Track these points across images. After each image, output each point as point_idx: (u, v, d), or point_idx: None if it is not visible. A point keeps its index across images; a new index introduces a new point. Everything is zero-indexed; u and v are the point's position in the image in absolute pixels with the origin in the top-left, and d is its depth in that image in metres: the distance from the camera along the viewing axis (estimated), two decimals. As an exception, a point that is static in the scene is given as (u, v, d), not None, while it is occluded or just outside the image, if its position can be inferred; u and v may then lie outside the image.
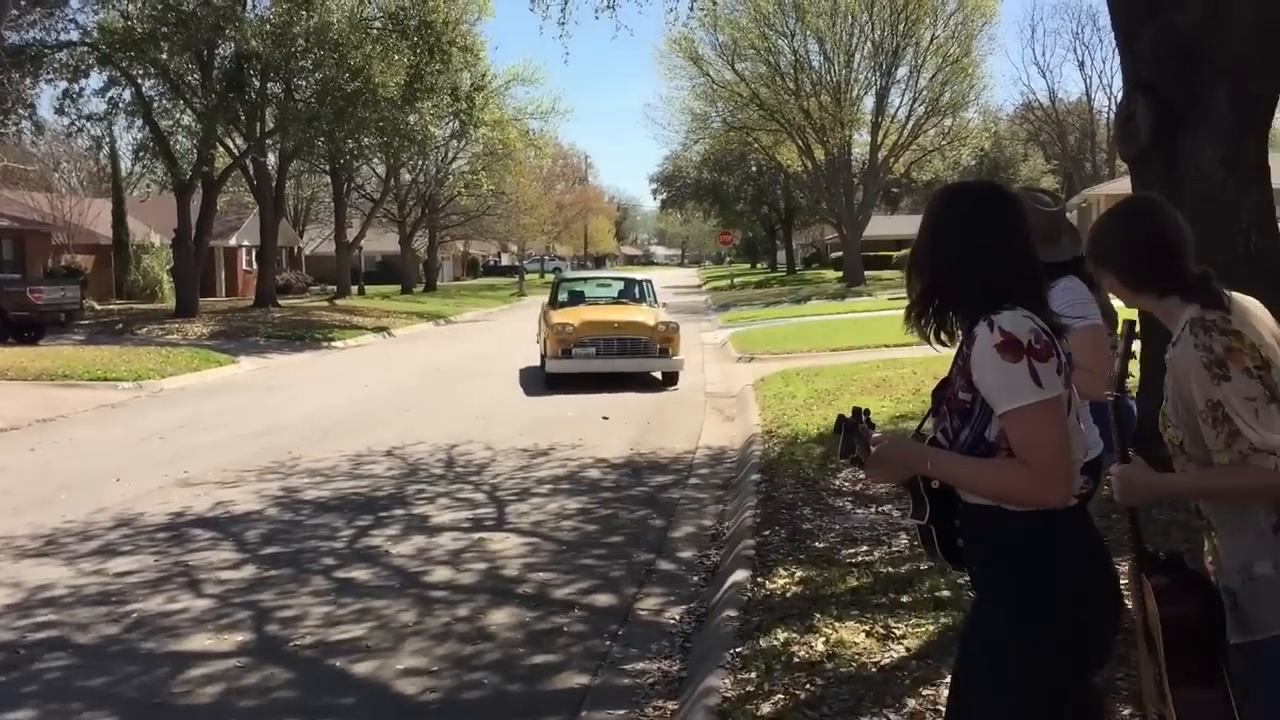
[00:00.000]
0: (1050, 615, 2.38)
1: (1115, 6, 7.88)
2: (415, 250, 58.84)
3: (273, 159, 38.02)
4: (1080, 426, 2.51)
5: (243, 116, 32.59)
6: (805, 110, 45.21)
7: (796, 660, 4.75)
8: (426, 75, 32.04)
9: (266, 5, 31.78)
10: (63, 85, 30.06)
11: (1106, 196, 33.46)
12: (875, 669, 4.60)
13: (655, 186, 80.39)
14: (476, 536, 7.68)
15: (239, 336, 26.84)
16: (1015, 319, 2.37)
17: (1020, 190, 4.15)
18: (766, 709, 4.33)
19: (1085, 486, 2.48)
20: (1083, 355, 3.08)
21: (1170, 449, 2.70)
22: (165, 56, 30.08)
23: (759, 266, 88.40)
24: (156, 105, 31.77)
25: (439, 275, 64.21)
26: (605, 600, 6.28)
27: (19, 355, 20.06)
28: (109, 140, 36.47)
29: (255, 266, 40.82)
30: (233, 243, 46.83)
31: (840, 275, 50.05)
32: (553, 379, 16.02)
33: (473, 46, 35.42)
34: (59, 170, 50.54)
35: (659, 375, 16.30)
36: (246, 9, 31.08)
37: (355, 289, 49.20)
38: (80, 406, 15.14)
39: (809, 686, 4.48)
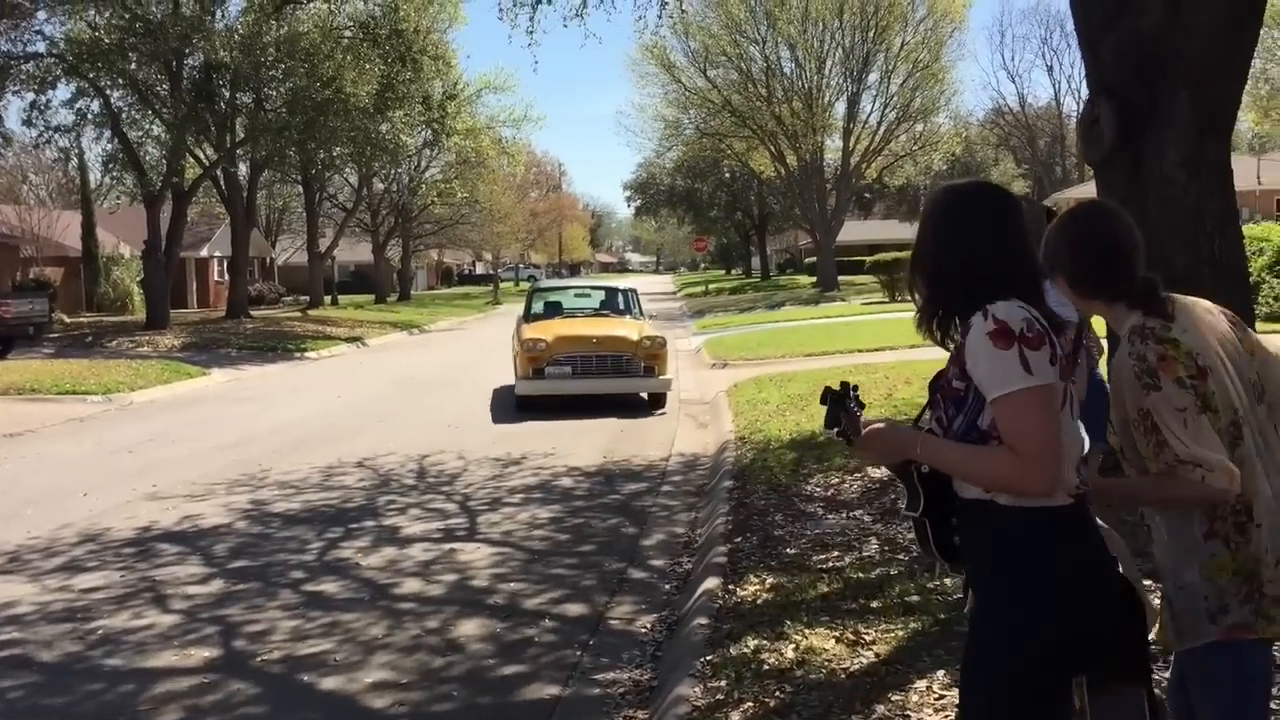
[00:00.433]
0: (1047, 616, 2.35)
1: (1078, 11, 7.90)
2: (389, 259, 58.63)
3: (244, 169, 37.83)
4: (1076, 422, 2.49)
5: (212, 127, 32.41)
6: (777, 116, 45.37)
7: (766, 668, 4.74)
8: (398, 84, 31.96)
9: (236, 15, 31.69)
10: (30, 97, 29.85)
11: (1076, 200, 33.67)
12: (845, 675, 4.59)
13: (629, 194, 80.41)
14: (447, 547, 7.63)
15: (210, 348, 26.65)
16: (1009, 308, 2.37)
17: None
18: (736, 717, 4.31)
19: (1082, 486, 2.45)
20: None
21: (1117, 453, 2.72)
22: (133, 67, 29.89)
23: (734, 272, 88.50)
24: (125, 116, 31.54)
25: (413, 284, 63.99)
26: (576, 610, 6.26)
27: (-14, 369, 19.85)
28: (77, 152, 36.22)
29: (227, 277, 40.55)
30: (204, 254, 46.57)
31: (814, 280, 50.18)
32: (524, 402, 14.32)
33: (444, 55, 35.36)
34: (27, 182, 50.12)
35: (645, 396, 14.69)
36: (215, 19, 30.94)
37: (329, 299, 48.98)
38: (48, 421, 15.00)
39: (778, 694, 4.47)
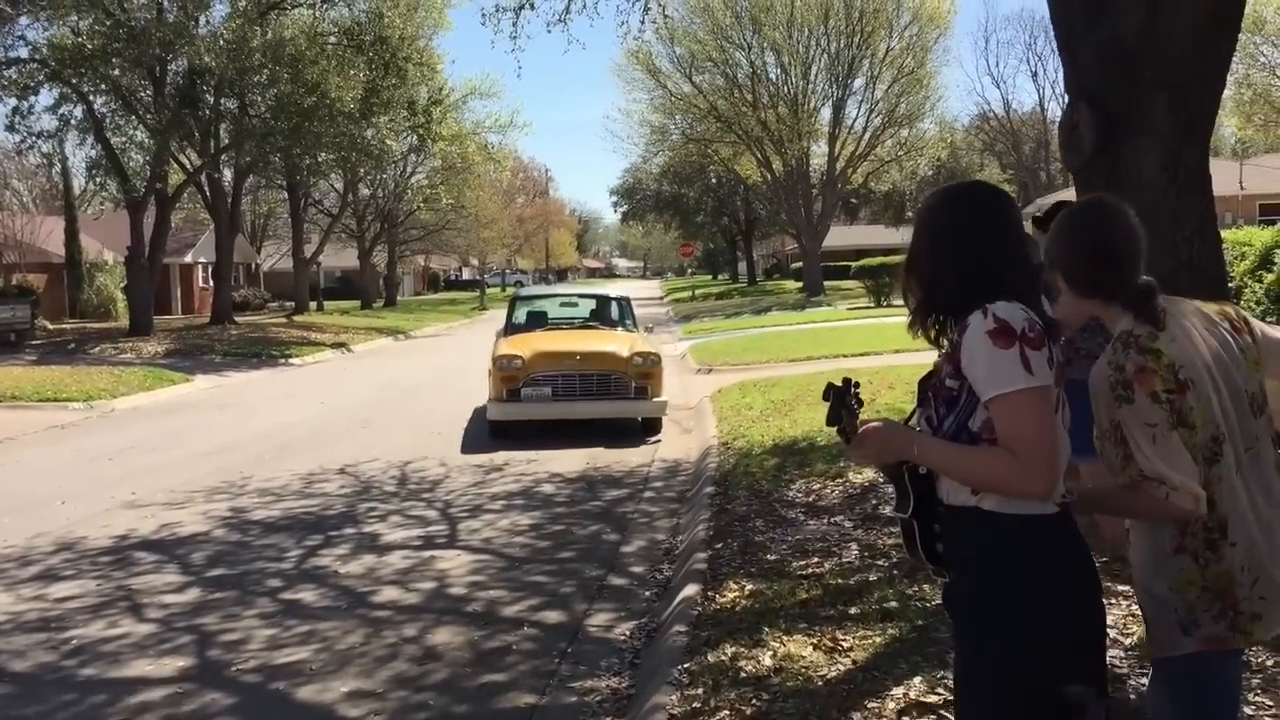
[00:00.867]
0: (1031, 624, 2.31)
1: (1057, 16, 7.92)
2: (375, 265, 58.51)
3: (228, 175, 37.69)
4: (1064, 429, 2.45)
5: (196, 133, 32.27)
6: (763, 122, 45.43)
7: (744, 675, 4.72)
8: (383, 90, 31.87)
9: (220, 21, 31.56)
10: (12, 102, 29.67)
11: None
12: (821, 682, 4.57)
13: (616, 199, 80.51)
14: (427, 555, 7.59)
15: (194, 355, 26.50)
16: (1010, 308, 2.34)
17: None
18: (712, 725, 4.29)
19: (1068, 495, 2.42)
20: None
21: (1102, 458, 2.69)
22: (117, 73, 29.72)
23: (720, 278, 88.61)
24: (109, 122, 31.39)
25: (399, 290, 63.87)
26: (555, 617, 6.22)
27: (-33, 377, 19.72)
28: (60, 157, 36.04)
29: (211, 283, 40.39)
30: (189, 259, 46.37)
31: (800, 286, 50.25)
32: (497, 428, 12.61)
33: (429, 61, 35.30)
34: (10, 188, 49.85)
35: (638, 420, 12.99)
36: (199, 25, 30.81)
37: (314, 305, 48.82)
38: (29, 428, 14.90)
39: (755, 702, 4.45)
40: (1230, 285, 14.54)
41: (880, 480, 7.86)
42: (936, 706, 4.18)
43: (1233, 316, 2.69)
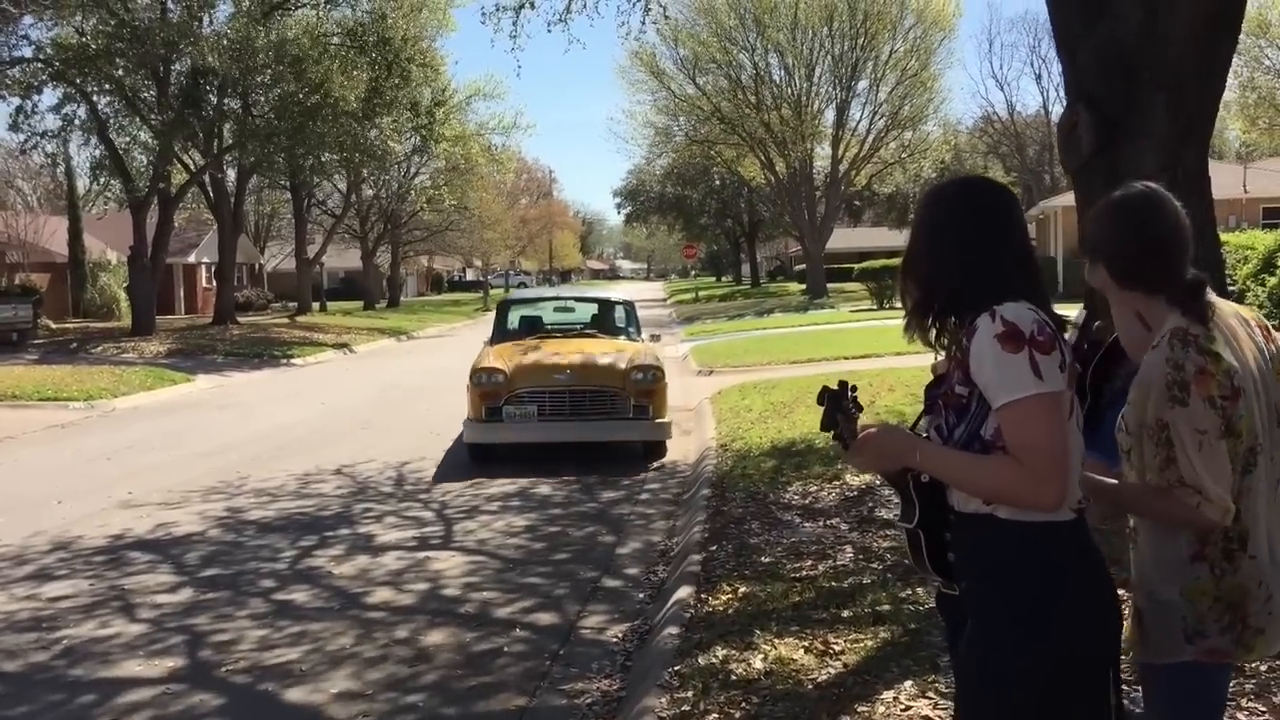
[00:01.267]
0: (1046, 635, 2.22)
1: (1056, 17, 7.90)
2: (378, 266, 58.54)
3: (232, 175, 37.72)
4: (1079, 433, 2.36)
5: (200, 133, 32.29)
6: (766, 124, 45.38)
7: (734, 678, 4.69)
8: (386, 91, 31.87)
9: (223, 21, 31.58)
10: (16, 101, 29.71)
11: (1064, 208, 33.73)
12: (812, 686, 4.55)
13: (619, 200, 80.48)
14: (421, 556, 7.57)
15: (196, 354, 26.52)
16: (1018, 309, 2.24)
17: None
18: (700, 729, 4.27)
19: (1083, 501, 2.33)
20: None
21: (1120, 452, 2.60)
22: (120, 73, 29.76)
23: (724, 279, 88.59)
24: (112, 122, 31.42)
25: (403, 291, 63.92)
26: (548, 619, 6.20)
27: (-32, 376, 19.74)
28: (64, 157, 36.06)
29: (214, 284, 40.41)
30: (192, 260, 46.43)
31: (804, 288, 50.21)
32: (476, 452, 11.07)
33: (432, 62, 35.28)
34: (15, 188, 49.93)
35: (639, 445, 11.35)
36: (203, 25, 30.84)
37: (317, 305, 48.85)
38: (29, 427, 14.90)
39: (744, 705, 4.42)
40: (1232, 289, 14.51)
41: (878, 483, 7.84)
42: (926, 712, 4.15)
43: (1262, 323, 2.62)
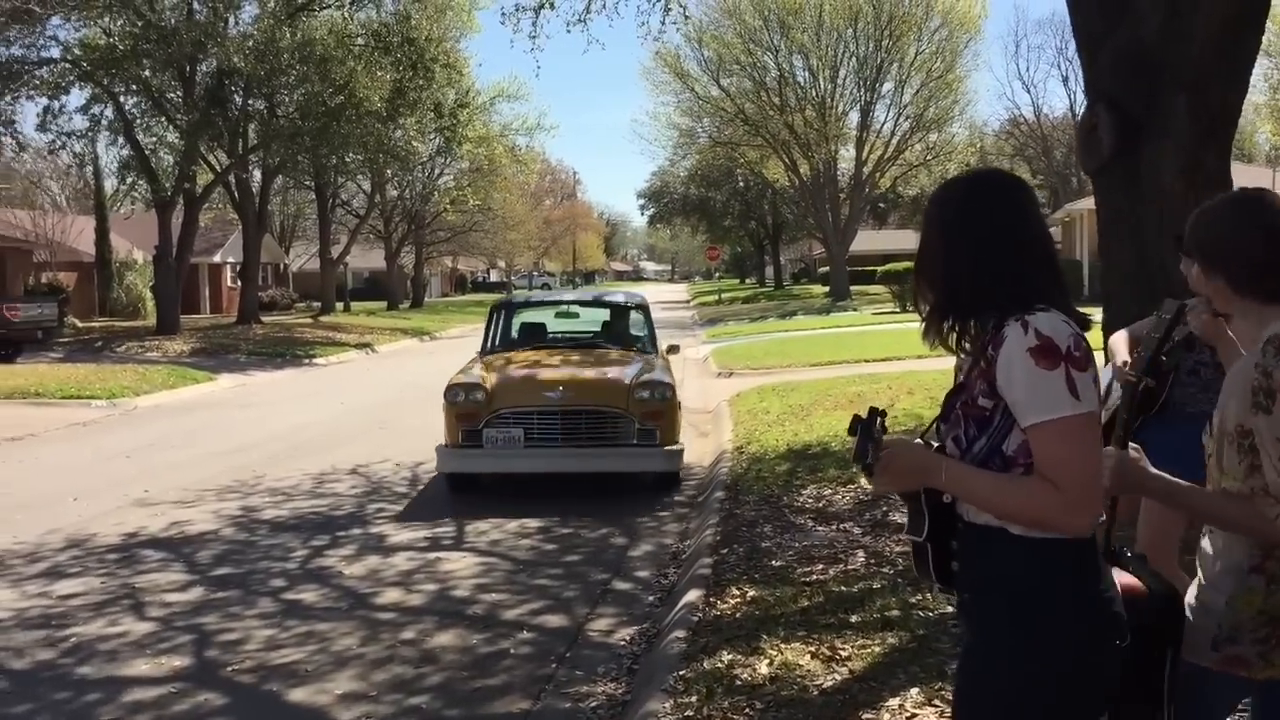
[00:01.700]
0: (1048, 654, 2.13)
1: (1076, 17, 7.84)
2: (402, 266, 58.74)
3: (257, 175, 37.94)
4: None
5: (225, 133, 32.49)
6: (790, 126, 45.29)
7: (739, 683, 4.64)
8: (409, 91, 31.97)
9: (249, 21, 31.76)
10: (44, 102, 29.97)
11: (1090, 211, 33.42)
12: (817, 692, 4.49)
13: (643, 202, 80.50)
14: (432, 556, 7.55)
15: (219, 354, 26.67)
16: (1053, 321, 2.11)
17: None
18: (702, 734, 4.22)
19: (1099, 518, 2.25)
20: None
21: (1206, 456, 2.52)
22: (147, 73, 29.97)
23: (747, 281, 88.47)
24: (139, 122, 31.65)
25: (426, 291, 64.08)
26: (556, 621, 6.17)
27: (-7, 373, 19.91)
28: (92, 157, 36.37)
29: (239, 283, 40.66)
30: (217, 259, 46.71)
31: (827, 290, 50.06)
32: (455, 482, 9.55)
33: (456, 63, 35.36)
34: (44, 188, 50.43)
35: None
36: (229, 25, 31.03)
37: (341, 305, 49.04)
38: (51, 425, 14.98)
39: (748, 711, 4.37)
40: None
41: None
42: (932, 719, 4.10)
43: None
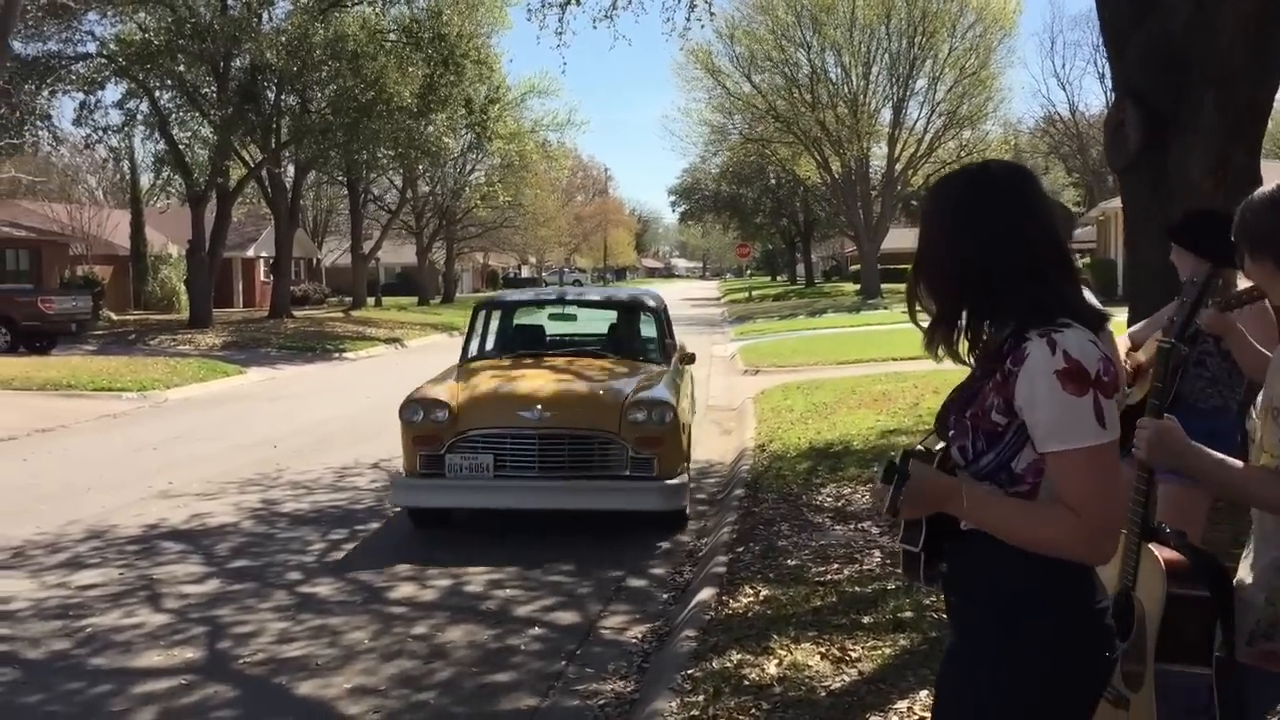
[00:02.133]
0: (1036, 661, 2.06)
1: (1104, 11, 7.72)
2: (433, 262, 58.95)
3: (290, 170, 38.20)
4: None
5: (258, 128, 32.72)
6: (822, 123, 45.09)
7: (747, 683, 4.60)
8: (440, 87, 32.07)
9: (282, 17, 31.98)
10: (80, 97, 30.32)
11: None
12: (825, 693, 4.44)
13: (674, 199, 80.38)
14: (447, 552, 7.54)
15: (250, 347, 26.89)
16: (1081, 342, 2.00)
17: None
18: (707, 735, 4.18)
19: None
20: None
21: (1250, 438, 2.51)
22: (181, 68, 30.23)
23: (779, 279, 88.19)
24: (173, 117, 31.95)
25: (458, 287, 64.28)
26: (568, 618, 6.14)
27: (27, 365, 20.14)
28: (127, 151, 36.76)
29: (272, 277, 40.96)
30: (250, 254, 47.08)
31: (858, 288, 49.83)
32: (416, 516, 8.16)
33: (487, 59, 35.42)
34: (82, 182, 50.97)
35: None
36: (262, 21, 31.26)
37: (373, 300, 49.28)
38: (82, 417, 15.13)
39: (754, 711, 4.33)
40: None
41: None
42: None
43: None
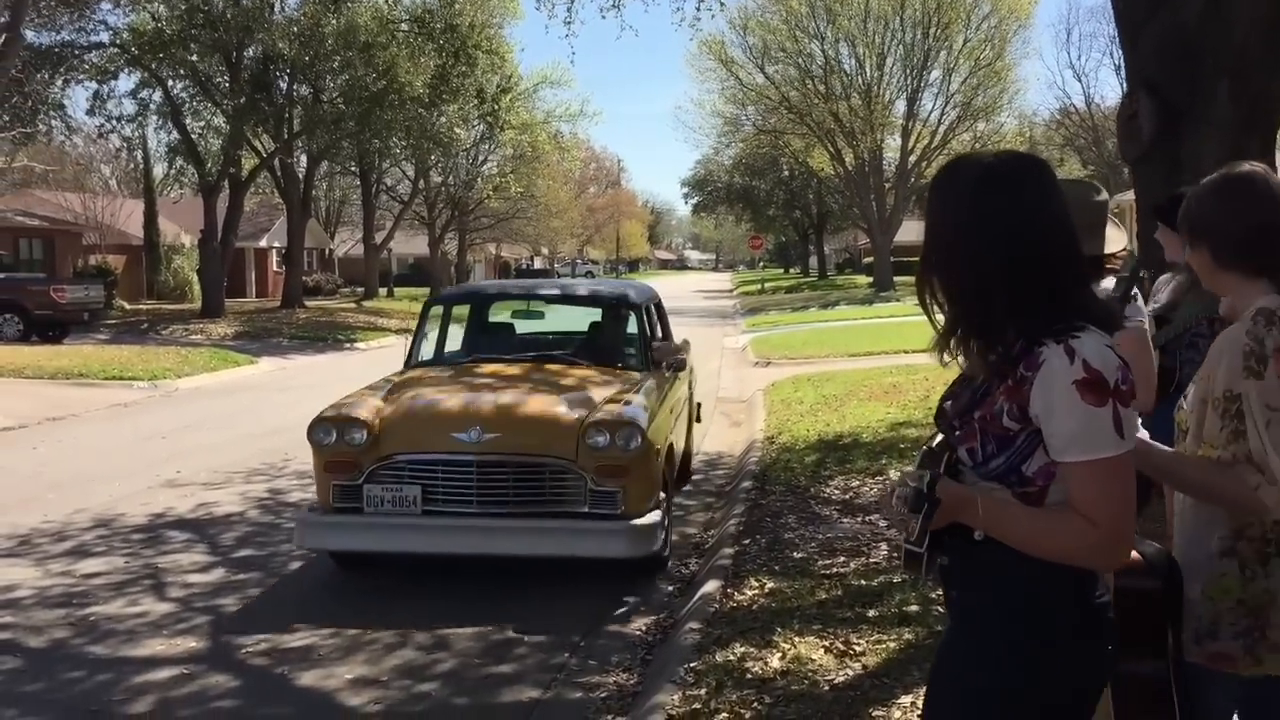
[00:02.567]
0: (1038, 655, 2.02)
1: (1118, 3, 7.63)
2: (446, 253, 58.93)
3: (302, 160, 38.23)
4: None
5: (270, 118, 32.75)
6: (835, 114, 44.93)
7: (749, 677, 4.57)
8: (452, 77, 32.04)
9: (295, 6, 31.99)
10: (93, 86, 30.39)
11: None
12: (828, 687, 4.40)
13: (687, 190, 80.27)
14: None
15: (262, 337, 26.93)
16: (1100, 349, 1.95)
17: (1066, 182, 3.75)
18: (709, 728, 4.15)
19: None
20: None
21: (1177, 431, 2.51)
22: (194, 58, 30.27)
23: (791, 271, 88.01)
24: (186, 106, 31.99)
25: (470, 278, 64.22)
26: (573, 610, 6.10)
27: (39, 354, 20.18)
28: (140, 141, 36.82)
29: (284, 268, 41.03)
30: (263, 244, 47.12)
31: (871, 280, 49.70)
32: (341, 559, 6.83)
33: (499, 50, 35.38)
34: (96, 171, 51.10)
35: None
36: (274, 11, 31.27)
37: (385, 291, 49.30)
38: (92, 406, 15.15)
39: (756, 705, 4.29)
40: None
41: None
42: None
43: None
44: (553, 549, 6.28)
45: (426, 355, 8.29)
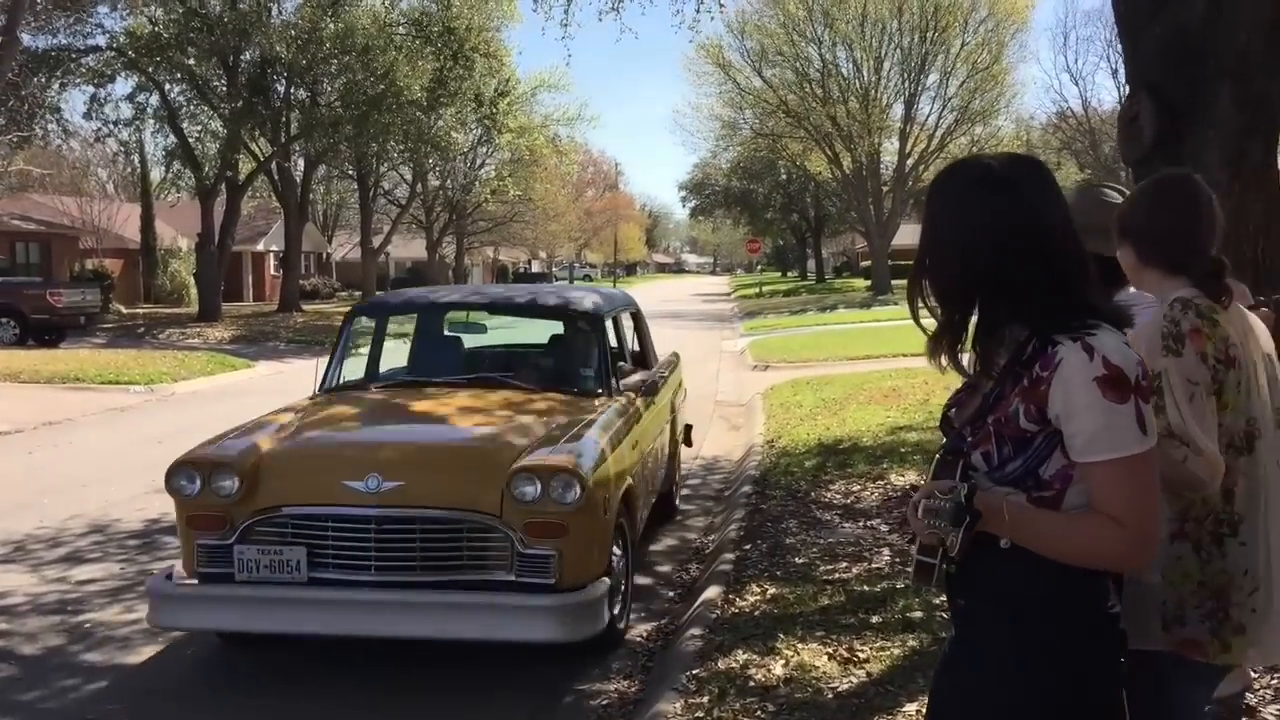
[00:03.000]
0: (1050, 665, 1.97)
1: (1119, 5, 7.59)
2: (443, 256, 58.89)
3: (300, 164, 38.19)
4: None
5: (267, 121, 32.71)
6: (833, 118, 44.92)
7: (752, 684, 4.52)
8: (450, 81, 32.03)
9: (291, 10, 31.96)
10: (90, 90, 30.36)
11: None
12: (831, 694, 4.35)
13: (685, 194, 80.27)
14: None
15: (259, 341, 26.89)
16: (1118, 345, 1.92)
17: (1084, 185, 3.72)
18: (711, 737, 4.10)
19: None
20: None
21: None
22: (191, 62, 30.25)
23: (789, 275, 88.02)
24: (183, 110, 31.96)
25: (468, 281, 64.24)
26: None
27: (35, 358, 20.12)
28: (137, 145, 36.79)
29: (281, 271, 40.97)
30: (260, 247, 47.10)
31: (869, 284, 49.69)
32: (228, 638, 5.58)
33: (497, 53, 35.38)
34: (92, 175, 51.03)
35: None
36: (271, 14, 31.24)
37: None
38: (88, 410, 15.09)
39: (760, 713, 4.25)
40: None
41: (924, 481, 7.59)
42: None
43: None
44: (465, 630, 4.88)
45: (353, 375, 6.91)
